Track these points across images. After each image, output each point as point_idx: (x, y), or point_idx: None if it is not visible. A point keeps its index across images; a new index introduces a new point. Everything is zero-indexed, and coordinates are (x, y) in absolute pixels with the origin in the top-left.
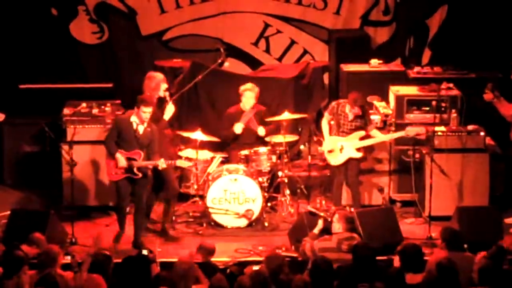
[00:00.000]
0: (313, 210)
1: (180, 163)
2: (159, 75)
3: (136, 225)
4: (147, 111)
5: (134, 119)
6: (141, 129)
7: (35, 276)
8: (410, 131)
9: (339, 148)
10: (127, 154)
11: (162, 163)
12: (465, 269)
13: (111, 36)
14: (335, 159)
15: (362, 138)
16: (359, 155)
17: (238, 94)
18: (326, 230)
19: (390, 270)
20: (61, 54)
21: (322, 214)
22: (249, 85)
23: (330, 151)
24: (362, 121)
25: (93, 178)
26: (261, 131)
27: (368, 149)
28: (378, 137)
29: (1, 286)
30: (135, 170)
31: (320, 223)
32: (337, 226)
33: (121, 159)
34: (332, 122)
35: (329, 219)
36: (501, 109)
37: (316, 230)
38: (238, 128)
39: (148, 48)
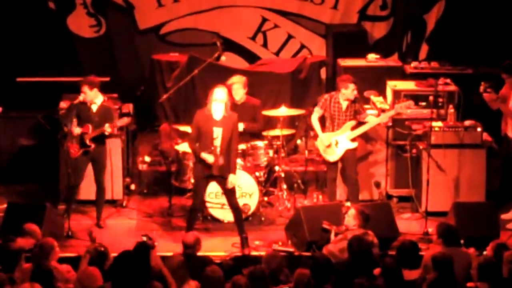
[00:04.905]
0: (326, 226)
1: (120, 122)
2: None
3: (97, 205)
4: (86, 92)
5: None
6: (94, 107)
7: (30, 268)
8: (399, 108)
9: (334, 143)
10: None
11: (107, 127)
12: (461, 265)
13: (108, 30)
14: (333, 156)
15: (353, 128)
16: (355, 145)
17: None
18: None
19: (388, 265)
20: (58, 48)
21: (334, 228)
22: (234, 78)
23: (325, 150)
24: (355, 110)
25: (90, 172)
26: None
27: (363, 137)
28: (370, 121)
29: None
30: (87, 142)
31: (333, 238)
32: (352, 223)
33: (75, 128)
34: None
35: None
36: (502, 107)
37: (330, 246)
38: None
39: (145, 42)
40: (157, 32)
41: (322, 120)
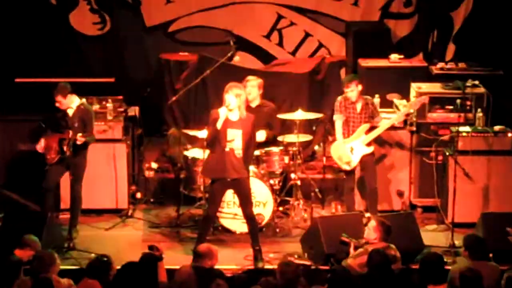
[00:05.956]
0: (345, 239)
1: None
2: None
3: (71, 216)
4: (61, 101)
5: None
6: (70, 112)
7: (29, 282)
8: (413, 104)
9: (349, 150)
10: (59, 135)
11: (79, 137)
12: (490, 279)
13: (113, 27)
14: (350, 163)
15: (368, 131)
16: (370, 149)
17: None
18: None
19: (412, 281)
20: (60, 46)
21: (353, 241)
22: (250, 77)
23: (340, 158)
24: (370, 115)
25: (93, 179)
26: (260, 135)
27: (385, 143)
28: (384, 124)
29: None
30: (64, 148)
31: (352, 252)
32: (373, 235)
33: (40, 143)
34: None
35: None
36: None
37: (349, 260)
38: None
39: (153, 40)
40: (165, 30)
41: None
